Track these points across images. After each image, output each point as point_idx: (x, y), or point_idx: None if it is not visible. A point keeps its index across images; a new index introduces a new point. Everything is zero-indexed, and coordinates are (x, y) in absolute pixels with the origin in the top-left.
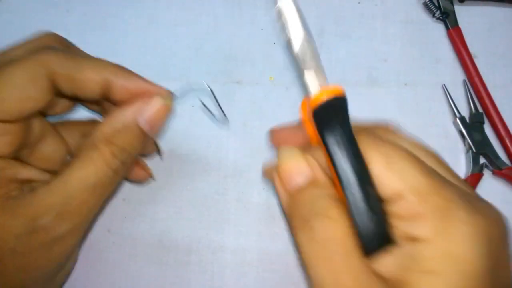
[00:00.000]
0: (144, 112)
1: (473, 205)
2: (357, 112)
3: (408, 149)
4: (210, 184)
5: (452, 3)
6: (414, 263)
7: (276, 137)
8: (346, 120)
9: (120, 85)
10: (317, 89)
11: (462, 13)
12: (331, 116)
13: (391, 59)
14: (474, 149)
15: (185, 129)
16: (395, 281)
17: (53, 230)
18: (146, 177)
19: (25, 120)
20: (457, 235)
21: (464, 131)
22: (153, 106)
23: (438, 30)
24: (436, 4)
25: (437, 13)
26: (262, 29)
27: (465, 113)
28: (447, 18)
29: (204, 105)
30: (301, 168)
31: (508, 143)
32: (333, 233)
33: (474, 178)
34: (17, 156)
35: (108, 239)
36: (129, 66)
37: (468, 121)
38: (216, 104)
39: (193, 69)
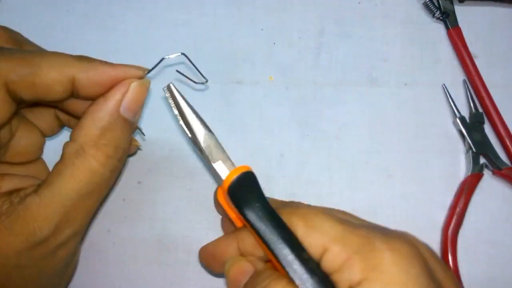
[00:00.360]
0: (124, 101)
1: (386, 234)
2: (357, 112)
3: (319, 208)
4: (210, 184)
5: (452, 3)
6: None
7: (204, 255)
8: (259, 192)
9: (88, 79)
10: (227, 173)
11: (462, 13)
12: (245, 192)
13: (391, 59)
14: (474, 149)
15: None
16: None
17: (54, 240)
18: (135, 148)
19: None
20: (386, 264)
21: (464, 131)
22: (131, 92)
23: (438, 30)
24: (436, 4)
25: (437, 13)
26: (262, 29)
27: (465, 113)
28: (447, 18)
29: (180, 72)
30: (244, 269)
31: (508, 143)
32: None
33: (474, 178)
34: None
35: (108, 239)
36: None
37: (468, 121)
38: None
39: (193, 69)
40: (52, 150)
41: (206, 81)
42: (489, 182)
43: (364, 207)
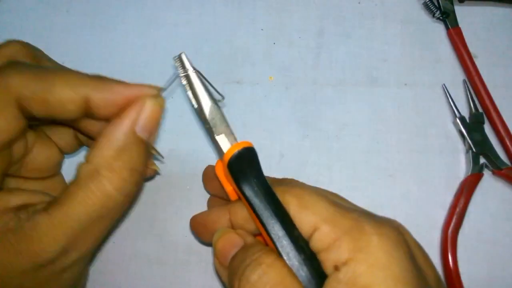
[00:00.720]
0: (140, 121)
1: (375, 219)
2: (357, 112)
3: (313, 188)
4: None
5: (452, 3)
6: (352, 284)
7: (196, 224)
8: (258, 168)
9: (102, 100)
10: (228, 147)
11: (462, 13)
12: (244, 166)
13: (391, 59)
14: (474, 149)
15: (185, 129)
16: None
17: (60, 262)
18: (152, 173)
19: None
20: (373, 247)
21: (464, 131)
22: (146, 111)
23: (438, 30)
24: (436, 4)
25: (437, 13)
26: (262, 29)
27: (465, 113)
28: (447, 18)
29: (203, 76)
30: (233, 241)
31: (508, 143)
32: (272, 278)
33: (474, 178)
34: (6, 175)
35: (108, 239)
36: (129, 66)
37: (468, 121)
38: (208, 84)
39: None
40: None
41: (223, 98)
42: (489, 182)
43: (364, 207)
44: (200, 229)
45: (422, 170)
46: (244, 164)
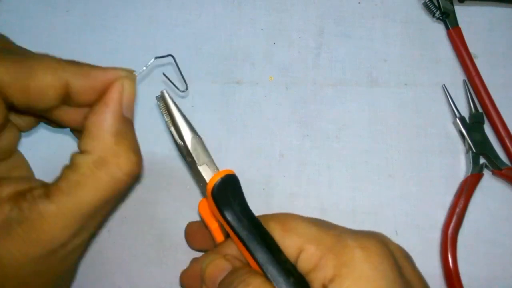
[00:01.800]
0: (124, 102)
1: (358, 234)
2: (357, 112)
3: (295, 215)
4: None
5: (452, 3)
6: None
7: (186, 278)
8: (241, 195)
9: (82, 86)
10: (211, 175)
11: (462, 13)
12: (227, 194)
13: (391, 59)
14: (474, 149)
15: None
16: None
17: (71, 245)
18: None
19: None
20: (357, 260)
21: (464, 131)
22: (126, 92)
23: (438, 30)
24: (436, 4)
25: (437, 13)
26: (262, 29)
27: (465, 113)
28: (447, 18)
29: (166, 75)
30: (222, 267)
31: (508, 143)
32: None
33: (474, 178)
34: None
35: (108, 239)
36: (129, 66)
37: (468, 121)
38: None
39: (193, 69)
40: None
41: (186, 88)
42: (489, 182)
43: (364, 207)
44: (192, 283)
45: (422, 170)
46: (227, 191)
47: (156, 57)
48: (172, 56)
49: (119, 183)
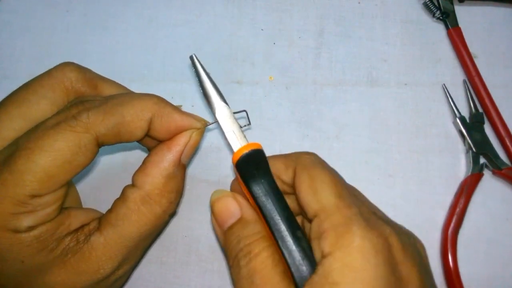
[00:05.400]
0: (185, 151)
1: (370, 223)
2: (357, 112)
3: (332, 171)
4: (210, 184)
5: (452, 3)
6: (324, 277)
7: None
8: (266, 169)
9: (161, 125)
10: (238, 147)
11: (462, 13)
12: (253, 167)
13: (391, 59)
14: (474, 149)
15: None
16: None
17: (115, 275)
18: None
19: None
20: (352, 248)
21: (464, 131)
22: (191, 142)
23: (438, 30)
24: (436, 4)
25: (437, 13)
26: (262, 29)
27: (465, 113)
28: (447, 18)
29: (247, 114)
30: (231, 207)
31: (508, 143)
32: (258, 268)
33: (474, 178)
34: None
35: None
36: (129, 66)
37: (468, 121)
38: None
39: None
40: None
41: (249, 123)
42: (489, 182)
43: None
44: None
45: (422, 170)
46: (253, 165)
47: (234, 112)
48: (245, 111)
49: (159, 220)
